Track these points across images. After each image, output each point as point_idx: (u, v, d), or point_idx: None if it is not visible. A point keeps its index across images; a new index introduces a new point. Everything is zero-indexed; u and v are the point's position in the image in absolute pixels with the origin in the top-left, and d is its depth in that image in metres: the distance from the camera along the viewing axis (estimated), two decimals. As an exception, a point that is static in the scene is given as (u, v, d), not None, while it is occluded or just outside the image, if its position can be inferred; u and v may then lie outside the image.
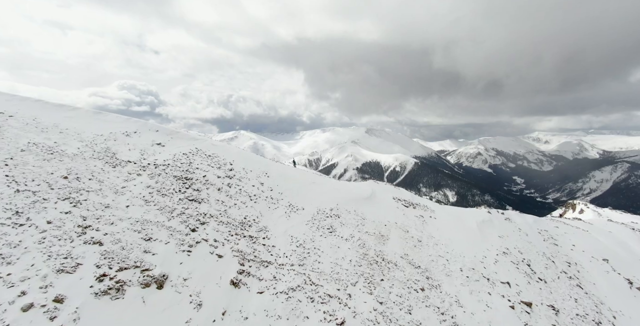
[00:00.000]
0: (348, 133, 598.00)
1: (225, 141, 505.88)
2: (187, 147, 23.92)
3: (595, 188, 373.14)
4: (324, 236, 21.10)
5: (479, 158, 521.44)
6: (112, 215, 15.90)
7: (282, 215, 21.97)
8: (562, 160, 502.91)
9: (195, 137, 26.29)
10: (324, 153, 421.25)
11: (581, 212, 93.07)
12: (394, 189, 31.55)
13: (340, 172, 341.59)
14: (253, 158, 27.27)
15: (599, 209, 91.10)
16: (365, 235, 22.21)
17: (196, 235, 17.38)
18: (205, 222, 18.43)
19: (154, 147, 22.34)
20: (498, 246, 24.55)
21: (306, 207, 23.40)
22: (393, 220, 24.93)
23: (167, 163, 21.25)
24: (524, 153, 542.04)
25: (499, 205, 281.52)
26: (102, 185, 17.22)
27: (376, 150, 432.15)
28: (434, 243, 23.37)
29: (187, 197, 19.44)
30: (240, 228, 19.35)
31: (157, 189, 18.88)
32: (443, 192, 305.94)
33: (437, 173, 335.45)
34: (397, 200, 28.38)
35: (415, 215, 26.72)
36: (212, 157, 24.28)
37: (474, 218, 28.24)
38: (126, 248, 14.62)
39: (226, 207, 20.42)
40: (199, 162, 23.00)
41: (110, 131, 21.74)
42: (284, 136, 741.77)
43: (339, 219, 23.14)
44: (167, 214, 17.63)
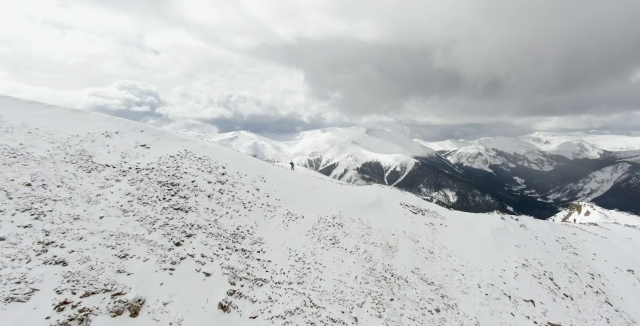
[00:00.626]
0: (348, 133, 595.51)
1: (225, 141, 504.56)
2: (175, 149, 21.76)
3: (596, 188, 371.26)
4: (326, 248, 18.93)
5: (479, 159, 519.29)
6: (81, 228, 13.74)
7: (280, 224, 19.81)
8: (563, 160, 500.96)
9: (185, 137, 24.12)
10: (324, 154, 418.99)
11: (587, 214, 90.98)
12: (401, 194, 29.41)
13: (341, 173, 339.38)
14: (248, 161, 25.10)
15: (606, 211, 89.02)
16: (371, 246, 20.05)
17: (181, 250, 15.23)
18: (192, 234, 16.27)
19: (138, 149, 20.17)
20: (516, 258, 22.39)
21: (306, 215, 21.24)
22: (401, 229, 22.77)
23: (152, 167, 19.07)
24: (524, 153, 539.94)
25: (499, 206, 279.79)
26: (72, 193, 15.05)
27: (376, 150, 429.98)
28: (446, 254, 21.21)
29: (173, 206, 17.28)
30: (232, 240, 17.19)
31: (138, 197, 16.72)
32: (443, 192, 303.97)
33: (438, 174, 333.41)
34: (405, 206, 26.22)
35: (424, 222, 24.56)
36: (203, 159, 22.11)
37: (488, 225, 26.09)
38: (96, 268, 12.47)
39: (217, 216, 18.25)
40: (188, 165, 20.83)
41: (89, 131, 19.55)
42: (284, 136, 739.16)
43: (343, 228, 20.98)
44: (148, 226, 15.47)
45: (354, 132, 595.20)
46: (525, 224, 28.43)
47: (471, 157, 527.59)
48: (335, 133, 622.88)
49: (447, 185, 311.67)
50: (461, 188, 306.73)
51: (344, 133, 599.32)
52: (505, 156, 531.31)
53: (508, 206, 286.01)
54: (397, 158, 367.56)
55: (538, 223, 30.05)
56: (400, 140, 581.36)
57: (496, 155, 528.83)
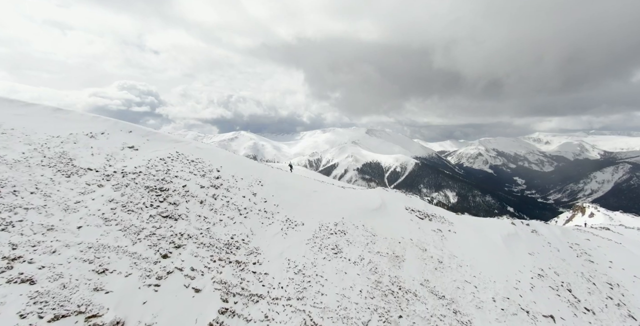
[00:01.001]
0: (348, 133, 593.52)
1: (226, 141, 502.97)
2: (165, 151, 20.31)
3: (596, 189, 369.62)
4: (328, 258, 17.47)
5: (480, 159, 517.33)
6: (55, 240, 12.28)
7: (278, 232, 18.35)
8: (563, 160, 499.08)
9: (177, 138, 22.65)
10: (324, 154, 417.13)
11: (591, 216, 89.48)
12: (406, 197, 27.94)
13: (341, 173, 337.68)
14: (244, 164, 23.64)
15: (610, 212, 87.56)
16: (376, 256, 18.59)
17: (168, 263, 13.78)
18: (181, 245, 14.82)
19: (125, 151, 18.71)
20: (531, 267, 20.94)
21: (306, 222, 19.79)
22: (408, 236, 21.31)
23: (139, 170, 17.61)
24: (524, 153, 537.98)
25: (499, 206, 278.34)
26: (47, 201, 13.59)
27: (376, 150, 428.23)
28: (457, 264, 19.75)
29: (161, 213, 15.82)
30: (225, 251, 15.74)
31: (123, 204, 15.26)
32: (444, 193, 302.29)
33: (438, 174, 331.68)
34: (411, 211, 24.75)
35: (432, 228, 23.09)
36: (196, 162, 20.66)
37: (498, 231, 24.63)
38: (69, 287, 11.01)
39: (209, 224, 16.80)
40: (179, 168, 19.38)
41: (71, 132, 18.09)
42: (284, 136, 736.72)
43: (345, 236, 19.52)
44: (132, 236, 14.02)
45: (354, 133, 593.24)
46: (537, 229, 26.98)
47: (471, 158, 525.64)
48: (336, 133, 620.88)
49: (448, 185, 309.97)
50: (461, 188, 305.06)
51: (344, 134, 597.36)
52: (505, 156, 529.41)
53: (508, 206, 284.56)
54: (397, 158, 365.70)
55: (550, 228, 28.60)
56: (401, 140, 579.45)
57: (496, 156, 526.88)
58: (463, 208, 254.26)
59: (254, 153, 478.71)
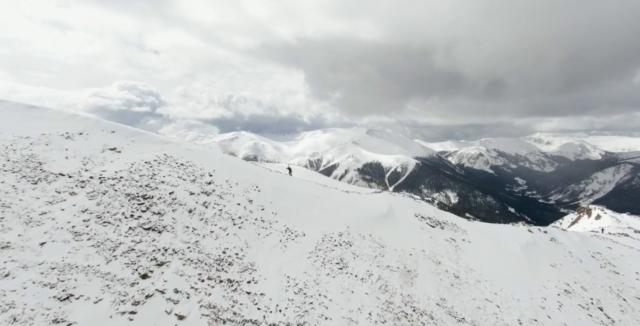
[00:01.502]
0: (349, 133, 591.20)
1: (226, 141, 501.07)
2: (152, 153, 18.34)
3: (598, 189, 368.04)
4: (332, 275, 15.52)
5: (481, 159, 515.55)
6: (10, 260, 10.32)
7: (276, 244, 16.40)
8: (564, 161, 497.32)
9: (166, 139, 20.68)
10: (325, 154, 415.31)
11: (598, 218, 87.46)
12: (414, 203, 25.99)
13: (341, 173, 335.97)
14: (240, 167, 21.68)
15: (617, 215, 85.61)
16: (386, 271, 16.64)
17: (148, 284, 11.82)
18: (164, 262, 12.86)
19: (105, 154, 16.74)
20: (555, 282, 19.00)
21: (308, 232, 17.84)
22: (419, 247, 19.36)
23: (120, 176, 15.64)
24: (525, 154, 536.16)
25: (500, 207, 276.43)
26: (5, 212, 11.62)
27: (377, 151, 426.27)
28: (475, 279, 17.80)
29: (142, 225, 13.86)
30: (216, 268, 13.79)
31: (98, 214, 13.30)
32: (445, 193, 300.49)
33: (439, 174, 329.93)
34: (421, 218, 22.81)
35: (445, 238, 21.15)
36: (186, 166, 18.70)
37: (516, 240, 22.70)
38: (21, 319, 9.06)
39: (198, 236, 14.84)
40: (167, 173, 17.41)
41: (44, 132, 16.11)
42: (284, 137, 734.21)
43: (351, 248, 17.57)
44: (106, 253, 12.06)
45: (355, 133, 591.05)
46: (556, 237, 25.05)
47: (472, 158, 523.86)
48: (336, 133, 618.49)
49: (449, 185, 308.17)
50: (462, 189, 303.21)
51: (345, 134, 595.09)
52: (506, 157, 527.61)
53: (509, 207, 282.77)
54: (398, 158, 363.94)
55: (568, 235, 26.67)
56: (401, 140, 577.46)
57: (497, 156, 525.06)
58: (464, 209, 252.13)
59: (254, 154, 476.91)
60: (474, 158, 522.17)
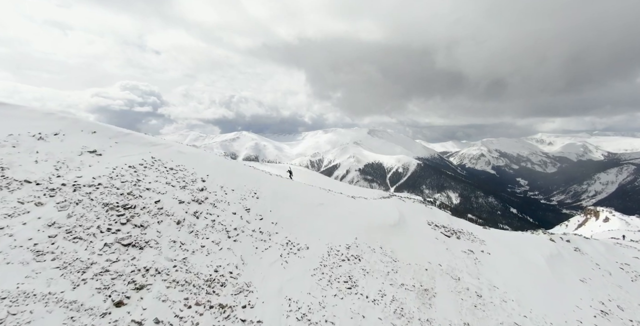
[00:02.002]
0: (350, 134, 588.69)
1: (227, 142, 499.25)
2: (137, 156, 16.40)
3: (600, 190, 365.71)
4: (340, 296, 13.59)
5: (482, 160, 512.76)
6: (-51, 291, 8.43)
7: (276, 260, 14.47)
8: (566, 161, 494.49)
9: (155, 140, 18.73)
10: (326, 155, 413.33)
11: (606, 221, 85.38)
12: (426, 209, 24.02)
13: (343, 174, 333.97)
14: (237, 171, 19.73)
15: (626, 217, 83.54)
16: (401, 290, 14.68)
17: (122, 314, 9.90)
18: (144, 286, 10.93)
19: (83, 157, 14.81)
20: (589, 300, 17.03)
21: (312, 245, 15.90)
22: (435, 260, 17.40)
23: (98, 182, 13.71)
24: (527, 154, 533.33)
25: (503, 207, 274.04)
26: (-50, 230, 9.73)
27: (378, 151, 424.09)
28: (500, 298, 15.83)
29: (121, 240, 11.93)
30: (206, 290, 11.86)
31: (68, 229, 11.37)
32: (446, 194, 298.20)
33: (440, 175, 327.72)
34: (434, 227, 20.85)
35: (462, 249, 19.19)
36: (176, 170, 16.77)
37: (539, 251, 20.74)
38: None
39: (187, 252, 12.92)
40: (153, 178, 15.48)
41: (12, 132, 14.18)
42: (285, 137, 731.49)
43: (361, 263, 15.62)
44: (73, 276, 10.14)
45: (356, 133, 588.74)
46: (580, 247, 23.08)
47: (474, 158, 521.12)
48: (337, 133, 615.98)
49: (450, 186, 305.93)
50: (464, 189, 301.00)
51: (346, 134, 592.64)
52: (508, 157, 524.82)
53: (511, 208, 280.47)
54: (399, 159, 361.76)
55: (592, 244, 24.69)
56: (403, 141, 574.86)
57: (499, 157, 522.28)
58: (466, 210, 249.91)
59: (255, 154, 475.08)
60: (476, 158, 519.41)
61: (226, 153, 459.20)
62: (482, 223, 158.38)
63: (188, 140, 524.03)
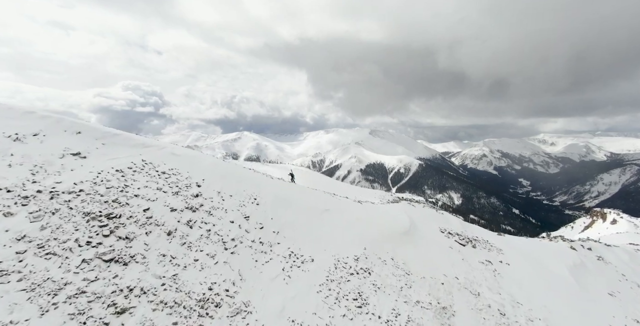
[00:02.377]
0: (351, 134, 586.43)
1: (229, 142, 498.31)
2: (126, 159, 14.98)
3: (603, 191, 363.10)
4: (350, 316, 12.13)
5: (484, 160, 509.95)
6: None
7: (278, 274, 13.03)
8: (569, 162, 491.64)
9: (147, 142, 17.29)
10: (328, 155, 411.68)
11: (614, 223, 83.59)
12: (437, 215, 22.54)
13: (344, 174, 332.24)
14: (236, 174, 18.27)
15: (635, 219, 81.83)
16: (416, 308, 13.22)
17: (100, 346, 8.49)
18: (126, 309, 9.51)
19: (65, 160, 13.39)
20: (622, 318, 15.53)
21: (317, 257, 14.46)
22: (452, 273, 15.93)
23: (80, 189, 12.28)
24: (529, 155, 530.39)
25: (505, 208, 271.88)
26: None
27: (380, 151, 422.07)
28: (525, 316, 14.34)
29: (102, 255, 10.50)
30: (198, 312, 10.43)
31: (40, 243, 9.95)
32: (448, 194, 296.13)
33: (442, 175, 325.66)
34: (448, 234, 19.37)
35: (479, 260, 17.70)
36: (168, 174, 15.33)
37: (560, 260, 19.26)
38: None
39: (178, 267, 11.48)
40: (143, 184, 14.05)
41: (-16, 133, 12.80)
42: (287, 137, 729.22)
43: (371, 277, 14.17)
44: (42, 300, 8.73)
45: (358, 133, 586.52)
46: (602, 256, 21.58)
47: (475, 159, 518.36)
48: (339, 134, 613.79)
49: (452, 186, 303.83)
50: (466, 190, 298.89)
51: (347, 134, 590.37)
52: (510, 158, 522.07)
53: (514, 208, 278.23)
54: (400, 159, 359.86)
55: (615, 252, 23.16)
56: (404, 141, 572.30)
57: (501, 157, 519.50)
58: (468, 210, 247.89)
59: (257, 154, 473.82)
60: (478, 159, 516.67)
61: (227, 153, 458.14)
62: (484, 224, 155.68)
63: (190, 141, 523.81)
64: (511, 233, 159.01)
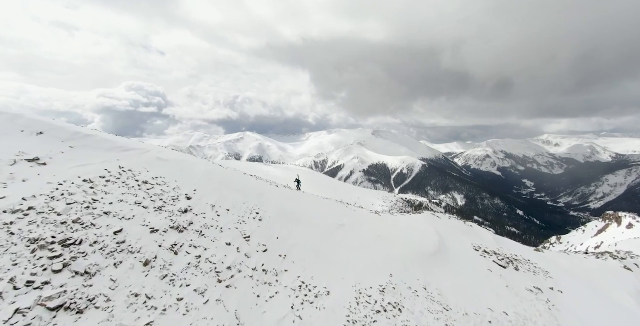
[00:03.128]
0: (354, 134, 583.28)
1: (231, 142, 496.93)
2: (99, 166, 12.12)
3: (609, 192, 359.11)
4: (381, 375, 9.27)
5: (488, 161, 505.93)
6: None
7: (286, 315, 10.13)
8: (573, 163, 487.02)
9: (128, 144, 14.38)
10: (330, 155, 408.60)
11: (630, 227, 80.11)
12: (465, 227, 19.57)
13: (347, 174, 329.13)
14: (235, 183, 15.36)
15: (652, 224, 78.59)
16: (464, 360, 10.32)
17: None
18: (74, 385, 6.63)
19: (17, 168, 10.54)
20: None
21: (334, 288, 11.57)
22: (498, 307, 12.97)
23: (29, 206, 9.43)
24: (533, 156, 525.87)
25: (509, 209, 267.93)
26: None
27: (382, 152, 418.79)
28: (595, 365, 11.40)
29: (47, 301, 7.63)
30: (179, 380, 7.54)
31: (-41, 287, 7.11)
32: (451, 196, 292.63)
33: (445, 176, 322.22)
34: (483, 253, 16.41)
35: (526, 287, 14.73)
36: (152, 184, 12.45)
37: (621, 285, 16.29)
38: None
39: (154, 312, 8.60)
40: (117, 197, 11.18)
41: None
42: (289, 138, 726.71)
43: (402, 316, 11.24)
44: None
45: (360, 134, 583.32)
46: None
47: (479, 160, 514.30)
48: (341, 134, 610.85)
49: (455, 187, 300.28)
50: (469, 191, 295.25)
51: (350, 135, 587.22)
52: (513, 158, 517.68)
53: (518, 210, 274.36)
54: (403, 160, 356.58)
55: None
56: (407, 141, 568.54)
57: (505, 158, 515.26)
58: (471, 212, 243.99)
59: (259, 154, 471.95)
60: (481, 159, 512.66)
61: (230, 153, 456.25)
62: (489, 226, 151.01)
63: (192, 141, 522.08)
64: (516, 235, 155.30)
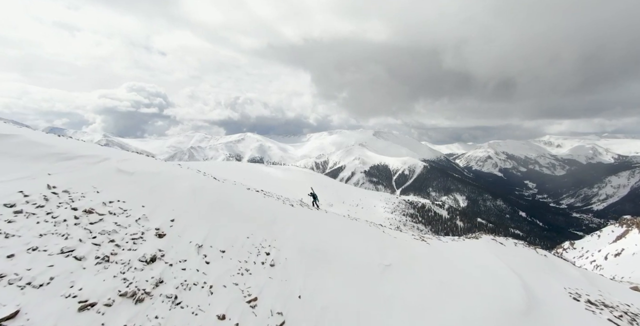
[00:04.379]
0: (355, 135, 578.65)
1: (232, 143, 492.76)
2: (14, 185, 7.38)
3: (611, 194, 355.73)
4: None
5: (489, 162, 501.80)
6: None
7: None
8: (576, 164, 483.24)
9: (74, 149, 9.57)
10: (331, 156, 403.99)
11: (651, 233, 75.91)
12: (540, 259, 14.79)
13: (348, 175, 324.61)
14: (234, 203, 10.55)
15: (675, 230, 74.03)
16: None
17: None
18: None
19: None
20: None
21: None
22: None
23: None
24: (535, 157, 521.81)
25: (511, 211, 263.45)
26: None
27: (384, 153, 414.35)
28: None
29: None
30: None
31: None
32: (453, 197, 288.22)
33: (447, 177, 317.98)
34: (589, 305, 11.63)
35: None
36: (101, 214, 7.70)
37: None
38: None
39: None
40: (27, 241, 6.46)
41: None
42: (290, 138, 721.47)
43: None
44: None
45: (361, 135, 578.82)
46: None
47: (480, 161, 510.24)
48: (342, 135, 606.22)
49: (457, 189, 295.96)
50: (471, 192, 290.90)
51: (351, 136, 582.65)
52: (515, 160, 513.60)
53: (520, 211, 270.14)
54: (405, 161, 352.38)
55: None
56: (408, 142, 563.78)
57: (506, 159, 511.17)
58: (474, 213, 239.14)
59: (260, 155, 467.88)
60: (483, 160, 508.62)
61: (231, 154, 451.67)
62: (492, 228, 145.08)
63: (193, 142, 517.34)
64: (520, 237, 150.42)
